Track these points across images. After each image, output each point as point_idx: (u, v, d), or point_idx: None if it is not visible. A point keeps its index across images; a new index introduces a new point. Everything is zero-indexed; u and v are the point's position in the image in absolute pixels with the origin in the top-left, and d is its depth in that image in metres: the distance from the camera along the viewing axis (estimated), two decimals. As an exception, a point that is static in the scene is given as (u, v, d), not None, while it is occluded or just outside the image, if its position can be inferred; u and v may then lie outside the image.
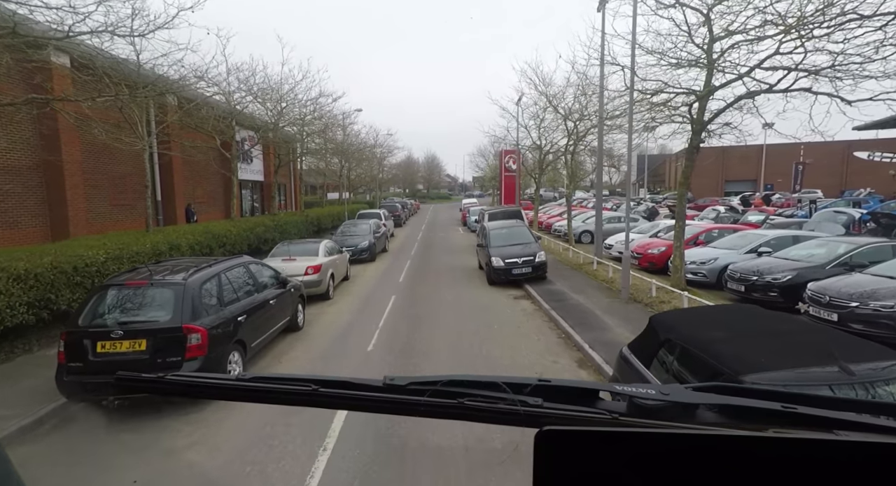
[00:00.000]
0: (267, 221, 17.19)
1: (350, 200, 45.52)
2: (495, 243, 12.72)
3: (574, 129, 16.86)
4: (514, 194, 32.96)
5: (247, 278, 6.71)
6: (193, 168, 19.45)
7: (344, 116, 25.44)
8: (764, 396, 0.84)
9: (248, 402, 0.97)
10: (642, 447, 0.59)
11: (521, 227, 13.61)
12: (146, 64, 11.19)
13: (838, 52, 7.44)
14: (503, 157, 34.54)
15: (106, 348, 4.83)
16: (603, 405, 0.85)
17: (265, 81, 17.93)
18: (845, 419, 0.76)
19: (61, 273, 7.27)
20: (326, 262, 10.76)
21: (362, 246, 16.24)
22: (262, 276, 7.19)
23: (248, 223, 15.74)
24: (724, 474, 0.56)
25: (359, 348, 7.55)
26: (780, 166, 50.11)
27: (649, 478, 0.57)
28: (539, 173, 23.31)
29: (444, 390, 0.85)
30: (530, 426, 0.73)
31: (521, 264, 11.86)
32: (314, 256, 10.73)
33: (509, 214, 18.03)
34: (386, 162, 56.36)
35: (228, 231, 13.85)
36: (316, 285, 10.12)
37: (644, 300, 9.37)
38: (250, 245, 15.34)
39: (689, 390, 0.88)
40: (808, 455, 0.55)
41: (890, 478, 0.53)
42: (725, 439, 0.60)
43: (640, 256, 13.37)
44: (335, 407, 0.89)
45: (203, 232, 12.56)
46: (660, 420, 0.78)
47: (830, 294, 6.87)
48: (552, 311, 9.11)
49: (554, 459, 0.59)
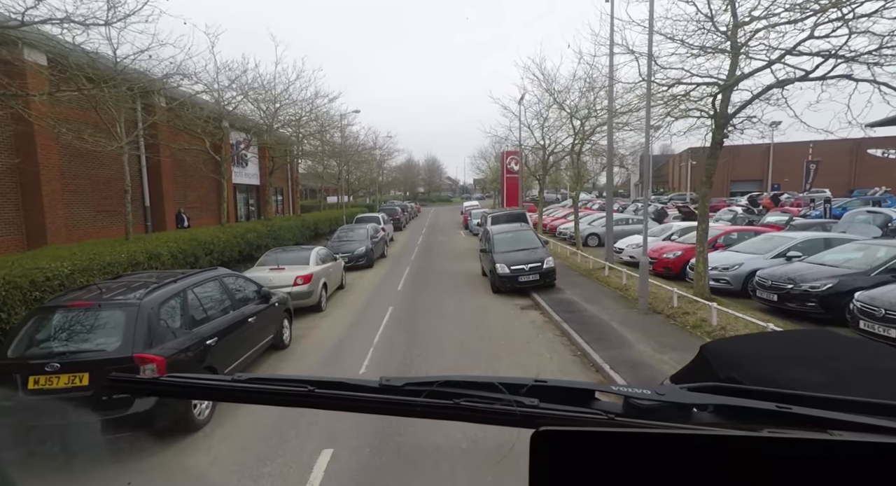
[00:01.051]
0: (259, 227, 16.41)
1: (349, 203, 44.89)
2: (500, 248, 11.91)
3: (580, 127, 16.07)
4: (517, 197, 32.18)
5: (221, 294, 5.90)
6: (185, 172, 18.71)
7: (341, 117, 24.69)
8: (759, 396, 0.84)
9: (243, 403, 1.11)
10: (638, 447, 0.59)
11: (527, 231, 12.80)
12: (124, 60, 10.46)
13: (885, 33, 6.63)
14: (505, 158, 33.75)
15: (40, 383, 4.02)
16: (599, 405, 0.84)
17: (257, 79, 17.22)
18: (840, 419, 0.76)
19: (15, 289, 6.48)
20: (318, 271, 9.97)
21: (359, 252, 15.45)
22: (240, 290, 6.38)
23: (239, 229, 14.97)
24: (719, 474, 0.56)
25: (350, 369, 6.73)
26: (786, 166, 49.27)
27: (645, 478, 0.57)
28: (543, 174, 22.51)
29: (441, 391, 0.85)
30: (526, 426, 0.73)
31: (527, 271, 11.04)
32: (305, 264, 9.94)
33: (513, 216, 17.22)
34: (386, 165, 55.71)
35: (217, 238, 13.06)
36: (306, 297, 9.32)
37: (665, 311, 8.54)
38: (241, 252, 14.57)
39: (685, 391, 0.86)
40: (803, 455, 0.55)
41: (885, 477, 0.53)
42: (721, 439, 0.60)
43: (654, 260, 12.53)
44: (331, 408, 0.89)
45: (188, 239, 11.78)
46: (655, 421, 0.78)
47: (885, 306, 6.04)
48: (564, 324, 8.28)
49: (550, 459, 0.59)
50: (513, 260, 11.26)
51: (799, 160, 46.67)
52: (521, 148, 25.47)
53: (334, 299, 11.25)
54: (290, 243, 19.19)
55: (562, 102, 15.91)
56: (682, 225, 14.71)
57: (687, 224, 14.60)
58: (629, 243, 14.60)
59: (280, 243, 17.65)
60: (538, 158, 22.99)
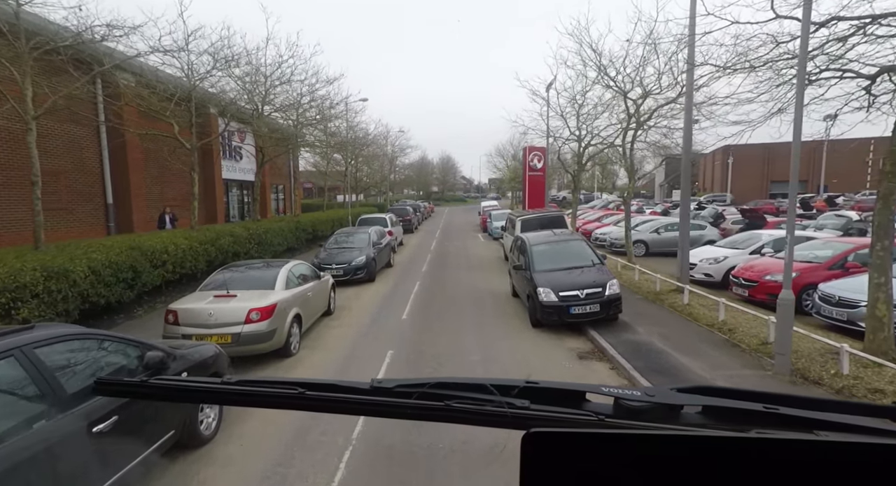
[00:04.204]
0: (238, 230, 13.47)
1: (359, 202, 42.06)
2: (541, 265, 8.74)
3: (636, 109, 12.80)
4: (541, 197, 28.87)
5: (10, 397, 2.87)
6: (162, 164, 15.92)
7: (346, 104, 21.72)
8: (746, 397, 0.84)
9: (234, 405, 1.07)
10: (628, 448, 0.59)
11: (578, 241, 9.58)
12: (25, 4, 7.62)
13: None
14: (527, 154, 30.40)
15: None
16: (589, 406, 0.85)
17: (244, 55, 14.34)
18: (826, 420, 0.77)
19: None
20: (287, 298, 6.95)
21: (357, 262, 12.42)
22: (67, 375, 3.30)
23: (210, 233, 12.06)
24: (707, 474, 0.56)
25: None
26: (836, 165, 44.91)
27: (635, 479, 0.58)
28: (577, 170, 19.23)
29: (432, 393, 0.85)
30: (517, 428, 0.73)
31: (583, 300, 7.87)
32: (268, 289, 6.93)
33: (548, 221, 13.97)
34: (398, 161, 52.83)
35: (173, 245, 10.16)
36: (264, 340, 6.31)
37: (824, 378, 5.30)
38: (211, 262, 11.68)
39: (674, 392, 0.87)
40: (790, 455, 0.56)
41: (869, 478, 0.53)
42: (709, 439, 0.60)
43: (750, 283, 9.24)
44: (322, 410, 0.89)
45: (127, 248, 8.86)
46: (645, 421, 0.78)
47: None
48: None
49: (541, 460, 0.59)
50: (561, 283, 8.10)
51: (850, 159, 42.54)
52: (548, 138, 22.19)
53: (315, 332, 8.23)
54: (281, 249, 16.25)
55: (613, 76, 12.64)
56: (773, 234, 11.31)
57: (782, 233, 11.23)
58: (704, 257, 11.30)
59: (266, 250, 14.72)
60: (573, 152, 19.73)
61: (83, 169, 13.34)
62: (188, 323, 6.07)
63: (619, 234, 18.45)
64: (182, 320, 6.09)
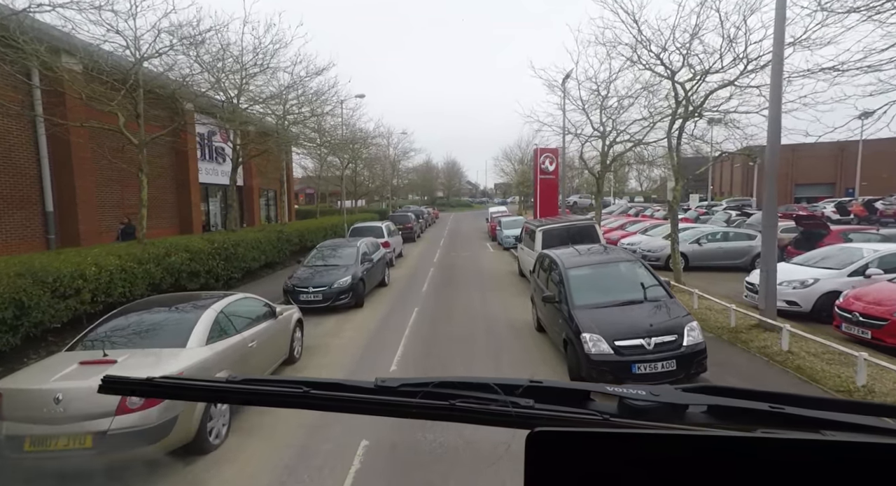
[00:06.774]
0: (197, 243, 11.04)
1: (360, 208, 39.74)
2: (582, 298, 6.23)
3: (685, 96, 10.31)
4: (554, 202, 26.33)
5: None
6: (118, 167, 13.57)
7: (337, 96, 19.39)
8: (752, 396, 0.83)
9: (238, 404, 0.99)
10: (633, 447, 0.58)
11: (631, 263, 7.02)
12: None
13: None
14: (538, 156, 27.90)
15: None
16: (594, 405, 0.84)
17: (215, 34, 12.05)
18: (832, 419, 0.76)
19: None
20: (204, 360, 4.47)
21: (340, 285, 9.96)
22: None
23: (154, 249, 9.66)
24: (712, 474, 0.55)
25: None
26: (864, 168, 42.08)
27: (640, 478, 0.57)
28: (602, 171, 16.77)
29: (436, 392, 0.84)
30: (521, 427, 0.73)
31: (651, 351, 5.36)
32: (175, 346, 4.48)
33: (576, 232, 11.42)
34: (401, 165, 50.54)
35: (94, 267, 7.73)
36: (152, 437, 3.82)
37: None
38: (156, 287, 9.30)
39: (679, 391, 0.86)
40: (796, 455, 0.55)
41: (876, 477, 0.52)
42: (714, 439, 0.60)
43: (875, 322, 6.67)
44: (327, 409, 0.88)
45: (14, 274, 6.45)
46: (650, 421, 0.77)
47: None
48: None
49: (545, 460, 0.59)
50: (616, 326, 5.59)
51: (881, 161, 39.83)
52: (564, 136, 19.73)
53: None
54: (256, 266, 13.79)
55: (658, 53, 10.16)
56: (879, 248, 8.68)
57: (889, 247, 8.63)
58: (784, 279, 8.72)
59: (234, 267, 12.27)
60: (596, 150, 17.28)
61: (12, 169, 11.05)
62: (15, 416, 3.62)
63: (650, 244, 15.91)
64: (6, 410, 3.64)
